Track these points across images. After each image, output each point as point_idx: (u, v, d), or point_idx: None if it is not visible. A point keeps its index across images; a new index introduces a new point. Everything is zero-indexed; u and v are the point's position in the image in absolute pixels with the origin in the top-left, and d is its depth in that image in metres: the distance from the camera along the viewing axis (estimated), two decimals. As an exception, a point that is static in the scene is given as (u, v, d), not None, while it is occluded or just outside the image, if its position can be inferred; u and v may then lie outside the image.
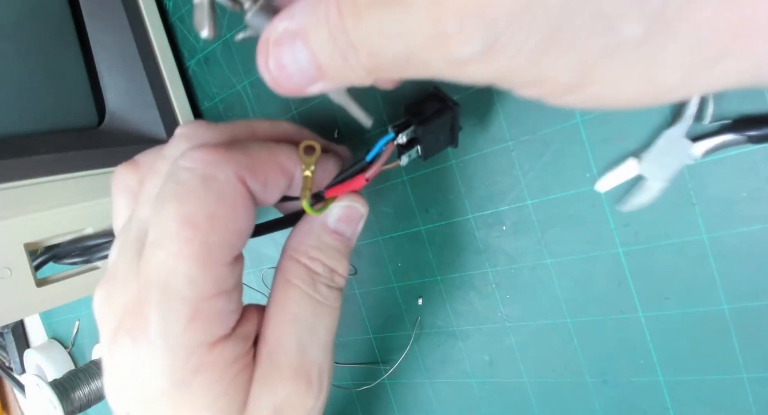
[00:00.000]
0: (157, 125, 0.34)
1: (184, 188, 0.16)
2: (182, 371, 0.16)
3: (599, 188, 0.22)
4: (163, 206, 0.16)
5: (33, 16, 0.31)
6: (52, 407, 0.50)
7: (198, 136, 0.18)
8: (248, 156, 0.17)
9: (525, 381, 0.27)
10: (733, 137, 0.19)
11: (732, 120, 0.20)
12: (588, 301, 0.24)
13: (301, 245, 0.20)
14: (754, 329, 0.21)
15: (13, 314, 0.27)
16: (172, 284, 0.15)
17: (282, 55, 0.13)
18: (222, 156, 0.16)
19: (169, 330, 0.15)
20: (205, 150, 0.16)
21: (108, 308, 0.17)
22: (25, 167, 0.26)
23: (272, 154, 0.18)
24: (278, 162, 0.18)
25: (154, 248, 0.16)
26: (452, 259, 0.28)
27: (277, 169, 0.18)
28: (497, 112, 0.25)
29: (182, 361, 0.16)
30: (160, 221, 0.16)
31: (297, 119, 0.33)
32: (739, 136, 0.19)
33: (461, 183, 0.27)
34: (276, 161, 0.18)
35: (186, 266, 0.15)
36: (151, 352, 0.15)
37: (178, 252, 0.15)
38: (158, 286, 0.15)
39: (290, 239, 0.20)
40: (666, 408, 0.23)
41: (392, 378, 0.33)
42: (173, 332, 0.15)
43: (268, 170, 0.18)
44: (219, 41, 0.35)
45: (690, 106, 0.20)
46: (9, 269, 0.26)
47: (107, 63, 0.34)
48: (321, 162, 0.20)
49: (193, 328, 0.16)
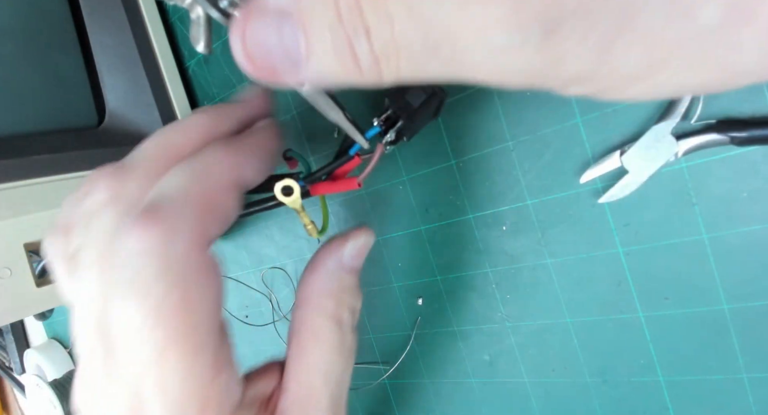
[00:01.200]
0: (157, 125, 0.34)
1: (142, 278, 0.13)
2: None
3: (581, 180, 0.23)
4: (124, 303, 0.14)
5: (33, 16, 0.31)
6: (52, 407, 0.50)
7: (124, 193, 0.16)
8: (186, 207, 0.14)
9: (525, 381, 0.27)
10: (717, 137, 0.19)
11: (717, 120, 0.20)
12: (588, 301, 0.24)
13: (324, 292, 0.19)
14: (754, 329, 0.21)
15: (13, 314, 0.27)
16: (168, 390, 0.14)
17: (264, 27, 0.11)
18: (170, 224, 0.14)
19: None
20: (148, 222, 0.14)
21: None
22: (24, 167, 0.26)
23: (208, 180, 0.15)
24: (218, 182, 0.16)
25: (130, 355, 0.14)
26: (452, 259, 0.28)
27: (220, 192, 0.16)
28: (497, 112, 0.25)
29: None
30: (125, 321, 0.14)
31: (297, 119, 0.33)
32: (722, 137, 0.19)
33: (461, 183, 0.27)
34: (215, 184, 0.16)
35: (173, 369, 0.14)
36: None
37: (158, 357, 0.14)
38: (155, 399, 0.14)
39: (308, 286, 0.19)
40: (666, 408, 0.23)
41: (392, 378, 0.33)
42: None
43: (214, 203, 0.15)
44: (219, 41, 0.35)
45: (680, 104, 0.20)
46: (9, 269, 0.26)
47: (107, 63, 0.34)
48: (252, 145, 0.18)
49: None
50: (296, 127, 0.33)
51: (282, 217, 0.36)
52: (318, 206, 0.32)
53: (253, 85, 0.19)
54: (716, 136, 0.19)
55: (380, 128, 0.18)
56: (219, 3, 0.15)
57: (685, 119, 0.20)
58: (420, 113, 0.19)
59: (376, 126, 0.18)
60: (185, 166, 0.16)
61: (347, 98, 0.30)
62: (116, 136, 0.33)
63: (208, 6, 0.15)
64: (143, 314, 0.13)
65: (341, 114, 0.17)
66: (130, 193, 0.16)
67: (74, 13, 0.34)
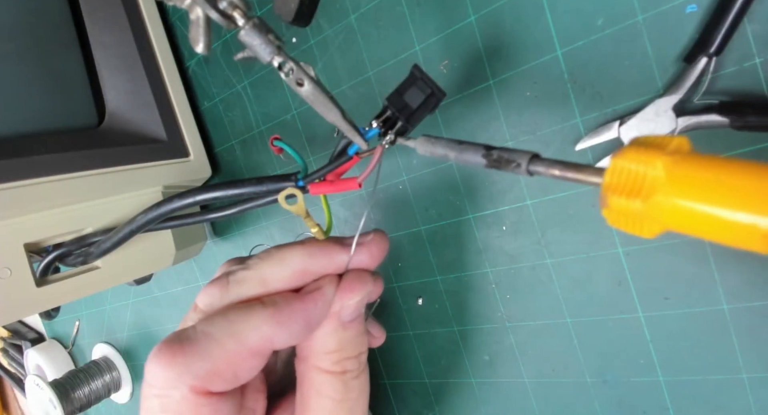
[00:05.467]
0: (157, 125, 0.34)
1: (147, 409, 0.17)
2: None
3: (576, 148, 0.22)
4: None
5: (33, 16, 0.31)
6: (52, 407, 0.50)
7: (208, 306, 0.19)
8: (207, 359, 0.16)
9: (525, 381, 0.27)
10: (717, 119, 0.19)
11: (719, 101, 0.19)
12: (588, 301, 0.24)
13: (323, 351, 0.19)
14: (754, 329, 0.21)
15: (13, 314, 0.27)
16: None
17: None
18: (174, 372, 0.16)
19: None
20: (159, 365, 0.16)
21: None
22: (25, 167, 0.26)
23: (240, 341, 0.17)
24: (249, 347, 0.17)
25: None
26: (452, 259, 0.28)
27: (246, 358, 0.17)
28: (497, 112, 0.25)
29: None
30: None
31: (297, 119, 0.33)
32: (722, 118, 0.19)
33: (461, 183, 0.27)
34: (246, 348, 0.17)
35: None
36: None
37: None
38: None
39: (306, 346, 0.19)
40: (666, 408, 0.23)
41: (392, 378, 0.33)
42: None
43: (233, 363, 0.17)
44: (219, 41, 0.35)
45: (687, 80, 0.19)
46: (9, 269, 0.26)
47: (107, 63, 0.34)
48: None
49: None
50: (296, 127, 0.33)
51: (281, 217, 0.36)
52: (318, 206, 0.32)
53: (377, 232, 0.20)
54: (716, 118, 0.19)
55: (379, 130, 0.18)
56: (218, 4, 0.15)
57: (688, 96, 0.19)
58: (418, 114, 0.19)
59: (375, 127, 0.18)
60: (229, 313, 0.17)
61: (347, 99, 0.30)
62: (116, 136, 0.33)
63: (207, 7, 0.15)
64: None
65: (340, 115, 0.17)
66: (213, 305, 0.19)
67: (74, 12, 0.34)
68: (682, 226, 0.11)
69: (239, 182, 0.22)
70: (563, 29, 0.22)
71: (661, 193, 0.11)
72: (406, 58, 0.27)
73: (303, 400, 0.19)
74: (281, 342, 0.17)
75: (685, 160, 0.11)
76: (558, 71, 0.23)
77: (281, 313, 0.17)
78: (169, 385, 0.16)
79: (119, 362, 0.54)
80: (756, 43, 0.19)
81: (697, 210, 0.10)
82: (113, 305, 0.53)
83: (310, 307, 0.18)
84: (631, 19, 0.21)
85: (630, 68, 0.21)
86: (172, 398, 0.16)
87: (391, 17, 0.27)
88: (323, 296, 0.18)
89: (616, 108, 0.22)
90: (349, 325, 0.19)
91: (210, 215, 0.25)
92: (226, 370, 0.17)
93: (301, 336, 0.18)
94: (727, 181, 0.10)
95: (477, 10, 0.24)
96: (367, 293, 0.19)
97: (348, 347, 0.19)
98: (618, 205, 0.12)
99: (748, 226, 0.10)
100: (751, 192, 0.10)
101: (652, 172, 0.11)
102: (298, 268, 0.18)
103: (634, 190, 0.11)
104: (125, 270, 0.32)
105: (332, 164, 0.19)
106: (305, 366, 0.19)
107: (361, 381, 0.19)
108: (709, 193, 0.10)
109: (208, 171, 0.37)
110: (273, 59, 0.16)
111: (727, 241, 0.10)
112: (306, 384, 0.19)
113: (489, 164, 0.15)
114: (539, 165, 0.14)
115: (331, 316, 0.19)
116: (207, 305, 0.19)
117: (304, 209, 0.19)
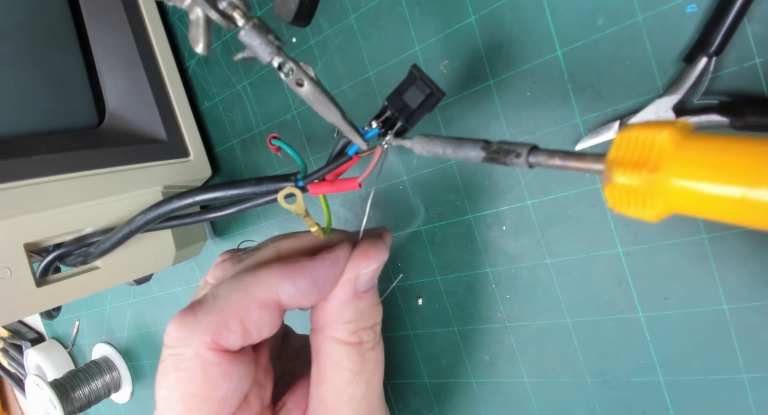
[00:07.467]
0: (157, 125, 0.34)
1: (162, 370, 0.17)
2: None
3: (576, 147, 0.22)
4: (155, 383, 0.18)
5: (33, 16, 0.31)
6: (52, 407, 0.50)
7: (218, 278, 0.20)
8: (215, 313, 0.17)
9: (525, 381, 0.27)
10: (716, 119, 0.19)
11: (719, 101, 0.19)
12: (588, 301, 0.24)
13: (340, 321, 0.19)
14: (754, 329, 0.21)
15: (13, 314, 0.27)
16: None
17: None
18: (185, 329, 0.16)
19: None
20: (172, 325, 0.17)
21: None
22: (25, 167, 0.26)
23: (247, 293, 0.17)
24: (256, 299, 0.17)
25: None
26: (452, 259, 0.28)
27: (253, 310, 0.17)
28: (497, 112, 0.25)
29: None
30: (156, 397, 0.17)
31: (297, 119, 0.33)
32: (722, 118, 0.19)
33: (461, 183, 0.27)
34: (253, 300, 0.17)
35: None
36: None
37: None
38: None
39: (321, 316, 0.19)
40: (666, 408, 0.23)
41: (392, 379, 0.33)
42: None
43: (240, 314, 0.17)
44: (219, 41, 0.35)
45: (687, 80, 0.19)
46: (9, 269, 0.26)
47: (107, 63, 0.34)
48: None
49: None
50: (296, 127, 0.33)
51: (281, 217, 0.36)
52: (318, 206, 0.32)
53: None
54: (716, 118, 0.19)
55: (379, 130, 0.18)
56: (218, 4, 0.15)
57: (688, 96, 0.19)
58: (418, 114, 0.19)
59: (375, 127, 0.18)
60: (238, 274, 0.18)
61: (347, 99, 0.30)
62: (116, 136, 0.33)
63: (207, 7, 0.15)
64: (160, 397, 0.17)
65: (339, 115, 0.17)
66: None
67: (74, 12, 0.34)
68: (689, 201, 0.10)
69: (239, 182, 0.22)
70: (563, 29, 0.22)
71: (668, 161, 0.10)
72: (406, 58, 0.27)
73: (320, 372, 0.19)
74: (287, 297, 0.17)
75: (691, 132, 0.11)
76: (558, 71, 0.23)
77: (288, 266, 0.18)
78: (181, 343, 0.16)
79: (119, 362, 0.54)
80: (756, 43, 0.19)
81: (706, 181, 0.10)
82: (113, 305, 0.53)
83: (318, 265, 0.18)
84: (631, 19, 0.21)
85: (630, 68, 0.21)
86: (184, 356, 0.16)
87: (391, 17, 0.27)
88: (334, 257, 0.19)
89: (616, 108, 0.22)
90: (365, 295, 0.19)
91: (210, 214, 0.25)
92: (233, 321, 0.17)
93: (309, 295, 0.18)
94: (734, 147, 0.10)
95: (477, 10, 0.24)
96: (383, 262, 0.19)
97: (363, 317, 0.19)
98: (623, 179, 0.11)
99: (759, 199, 0.09)
100: (761, 158, 0.09)
101: (659, 141, 0.11)
102: (312, 241, 0.19)
103: (641, 162, 0.11)
104: (125, 270, 0.32)
105: (332, 164, 0.19)
106: (321, 337, 0.19)
107: (377, 353, 0.20)
108: (718, 161, 0.10)
109: (208, 171, 0.37)
110: (273, 59, 0.16)
111: (736, 216, 0.10)
112: (322, 356, 0.19)
113: (488, 156, 0.15)
114: (540, 155, 0.14)
115: (347, 285, 0.19)
116: (218, 278, 0.19)
117: (303, 208, 0.19)
